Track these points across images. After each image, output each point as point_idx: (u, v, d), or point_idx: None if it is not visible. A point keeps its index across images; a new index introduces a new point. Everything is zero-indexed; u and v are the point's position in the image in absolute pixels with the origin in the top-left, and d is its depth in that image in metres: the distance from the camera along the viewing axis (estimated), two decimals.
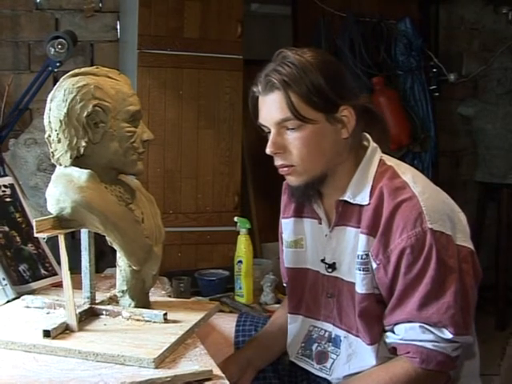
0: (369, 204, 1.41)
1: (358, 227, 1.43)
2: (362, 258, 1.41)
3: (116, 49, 3.34)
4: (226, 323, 1.76)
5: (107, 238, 1.31)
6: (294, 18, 3.68)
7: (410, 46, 3.73)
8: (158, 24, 2.88)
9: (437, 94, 3.89)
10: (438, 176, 3.85)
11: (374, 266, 1.39)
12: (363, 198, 1.42)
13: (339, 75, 1.44)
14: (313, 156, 1.42)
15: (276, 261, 2.92)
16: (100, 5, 3.31)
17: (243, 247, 2.61)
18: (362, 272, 1.41)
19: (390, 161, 1.48)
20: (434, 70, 3.87)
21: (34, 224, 1.23)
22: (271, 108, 1.40)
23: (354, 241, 1.44)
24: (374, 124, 1.53)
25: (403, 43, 3.74)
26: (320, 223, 1.54)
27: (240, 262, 2.61)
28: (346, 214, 1.46)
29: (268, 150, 1.42)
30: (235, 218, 2.68)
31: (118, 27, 3.32)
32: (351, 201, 1.44)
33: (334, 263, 1.50)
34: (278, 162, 1.44)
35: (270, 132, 1.43)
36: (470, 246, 1.42)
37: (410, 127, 3.67)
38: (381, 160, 1.47)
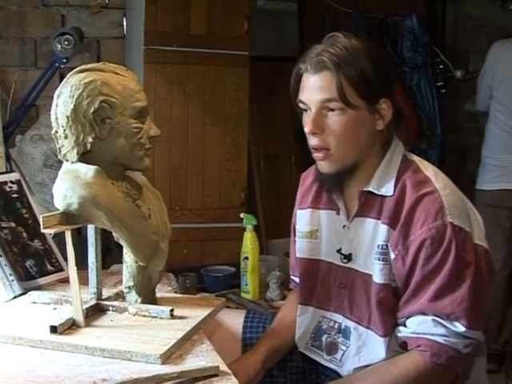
0: (392, 195, 1.42)
1: (378, 218, 1.44)
2: (381, 248, 1.42)
3: (122, 45, 3.33)
4: (233, 319, 1.76)
5: (114, 233, 1.32)
6: (300, 15, 3.67)
7: (416, 43, 3.72)
8: (164, 20, 2.88)
9: (443, 90, 3.88)
10: (445, 173, 3.83)
11: (393, 256, 1.40)
12: (388, 190, 1.44)
13: (385, 67, 1.46)
14: (349, 142, 1.43)
15: (282, 257, 2.94)
16: (106, 1, 3.29)
17: (249, 243, 2.61)
18: (380, 262, 1.42)
19: (412, 156, 1.51)
20: (441, 66, 3.86)
21: (40, 220, 1.23)
22: (318, 87, 1.41)
23: (373, 232, 1.45)
24: (400, 124, 1.54)
25: (409, 40, 3.73)
26: (338, 214, 1.55)
27: (246, 258, 2.62)
28: (367, 204, 1.47)
29: (307, 129, 1.43)
30: (241, 215, 2.68)
31: (125, 24, 3.32)
32: (375, 191, 1.45)
33: (350, 254, 1.51)
34: (314, 141, 1.44)
35: (306, 111, 1.45)
36: (485, 245, 1.43)
37: (417, 124, 3.67)
38: (404, 154, 1.50)
